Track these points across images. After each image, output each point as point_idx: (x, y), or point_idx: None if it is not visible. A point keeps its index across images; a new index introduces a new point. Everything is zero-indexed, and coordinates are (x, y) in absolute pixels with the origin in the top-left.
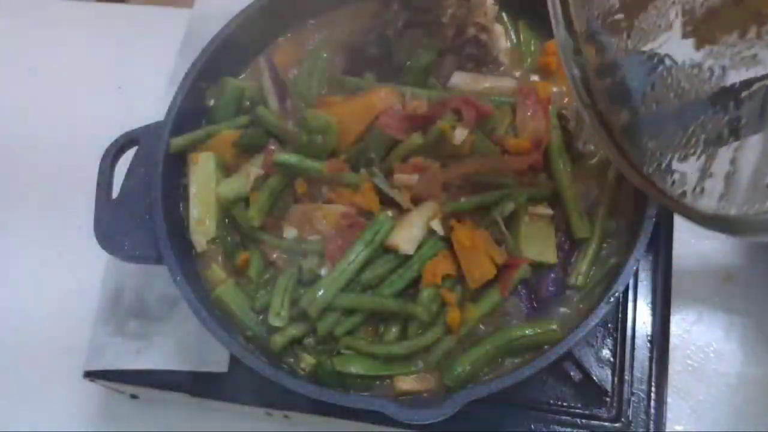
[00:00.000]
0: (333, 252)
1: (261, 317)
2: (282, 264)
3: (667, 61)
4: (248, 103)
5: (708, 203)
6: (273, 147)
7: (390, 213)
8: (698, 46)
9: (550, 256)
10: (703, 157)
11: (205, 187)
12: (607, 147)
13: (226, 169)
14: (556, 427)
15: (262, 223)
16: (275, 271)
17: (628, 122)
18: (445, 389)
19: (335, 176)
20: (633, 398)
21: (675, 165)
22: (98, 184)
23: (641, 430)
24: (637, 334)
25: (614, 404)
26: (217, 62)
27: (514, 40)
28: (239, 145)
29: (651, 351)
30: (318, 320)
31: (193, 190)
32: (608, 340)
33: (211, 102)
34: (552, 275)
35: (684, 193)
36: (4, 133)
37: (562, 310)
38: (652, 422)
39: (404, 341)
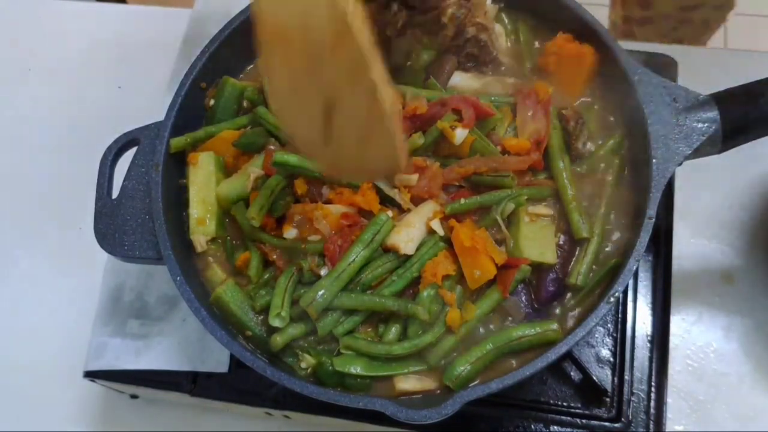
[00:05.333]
0: (333, 252)
1: (261, 317)
2: (282, 264)
3: None
4: (248, 103)
5: None
6: (273, 147)
7: (390, 213)
8: None
9: (550, 256)
10: None
11: (205, 187)
12: None
13: (226, 169)
14: (556, 427)
15: (262, 223)
16: (275, 271)
17: None
18: (445, 389)
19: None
20: (633, 398)
21: None
22: (98, 184)
23: (641, 430)
24: (637, 334)
25: (614, 404)
26: (217, 62)
27: (514, 40)
28: (239, 145)
29: (651, 351)
30: (318, 320)
31: (193, 190)
32: (608, 340)
33: (211, 102)
34: (552, 275)
35: None
36: (4, 133)
37: (562, 310)
38: (652, 422)
39: (404, 341)
